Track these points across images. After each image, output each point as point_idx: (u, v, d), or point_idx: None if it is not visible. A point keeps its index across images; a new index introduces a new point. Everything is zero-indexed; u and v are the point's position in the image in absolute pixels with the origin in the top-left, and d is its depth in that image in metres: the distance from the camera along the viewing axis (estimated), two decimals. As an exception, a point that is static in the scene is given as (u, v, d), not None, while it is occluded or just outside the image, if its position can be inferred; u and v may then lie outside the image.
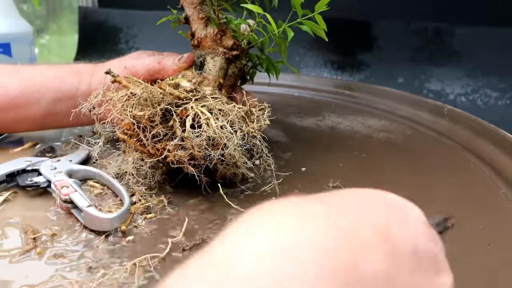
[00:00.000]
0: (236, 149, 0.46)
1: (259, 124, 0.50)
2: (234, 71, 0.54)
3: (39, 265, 0.38)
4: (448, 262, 0.39)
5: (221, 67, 0.53)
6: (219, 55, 0.52)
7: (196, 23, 0.53)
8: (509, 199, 0.51)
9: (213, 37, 0.52)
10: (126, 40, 1.34)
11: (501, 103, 0.96)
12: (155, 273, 0.37)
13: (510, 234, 0.44)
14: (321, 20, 0.49)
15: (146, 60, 0.56)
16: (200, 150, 0.44)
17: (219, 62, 0.52)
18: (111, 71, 0.48)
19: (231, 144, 0.45)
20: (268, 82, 1.01)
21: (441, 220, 0.29)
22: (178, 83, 0.50)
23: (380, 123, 0.80)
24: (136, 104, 0.46)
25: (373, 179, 0.57)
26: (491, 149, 0.61)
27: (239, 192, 0.52)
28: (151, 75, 0.55)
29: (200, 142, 0.44)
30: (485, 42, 1.00)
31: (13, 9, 0.91)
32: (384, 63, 1.11)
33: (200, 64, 0.54)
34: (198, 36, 0.53)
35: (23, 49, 0.90)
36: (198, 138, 0.44)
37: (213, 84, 0.52)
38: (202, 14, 0.52)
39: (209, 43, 0.52)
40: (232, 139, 0.45)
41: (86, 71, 0.58)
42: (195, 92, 0.48)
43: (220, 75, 0.53)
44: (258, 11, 0.48)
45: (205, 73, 0.53)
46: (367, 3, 1.13)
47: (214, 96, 0.49)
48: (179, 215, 0.47)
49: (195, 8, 0.52)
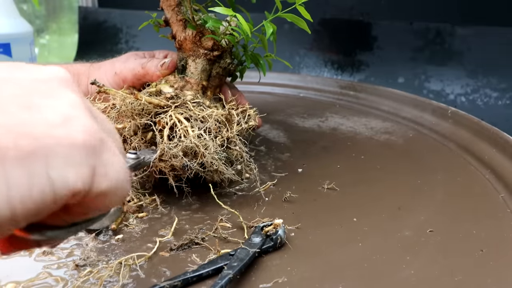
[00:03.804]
0: (214, 157, 0.46)
1: (240, 128, 0.49)
2: (218, 71, 0.53)
3: (28, 262, 0.39)
4: (436, 267, 0.39)
5: (203, 69, 0.52)
6: (200, 57, 0.52)
7: (175, 25, 0.52)
8: (507, 204, 0.50)
9: (192, 39, 0.51)
10: (126, 40, 1.35)
11: (501, 103, 0.94)
12: (141, 272, 0.38)
13: (504, 240, 0.43)
14: (303, 11, 0.47)
15: (131, 65, 0.55)
16: (178, 161, 0.45)
17: (201, 64, 0.52)
18: (96, 81, 0.48)
19: (208, 153, 0.45)
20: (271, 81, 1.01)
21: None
22: (160, 89, 0.50)
23: (383, 124, 0.79)
24: (116, 116, 0.46)
25: (369, 181, 0.57)
26: (493, 153, 0.60)
27: (232, 193, 0.52)
28: (138, 79, 0.55)
29: (177, 152, 0.44)
30: (485, 42, 0.98)
31: (13, 9, 0.92)
32: (384, 63, 1.10)
33: (182, 68, 0.53)
34: (178, 38, 0.52)
35: (23, 49, 0.91)
36: (175, 149, 0.44)
37: (196, 88, 0.52)
38: (180, 16, 0.51)
39: (189, 45, 0.52)
40: (209, 147, 0.45)
41: (83, 73, 0.58)
42: (175, 99, 0.48)
43: (203, 77, 0.52)
44: (228, 13, 0.47)
45: (187, 77, 0.52)
46: (367, 3, 1.12)
47: (196, 101, 0.48)
48: (170, 215, 0.47)
49: (173, 10, 0.51)
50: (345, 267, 0.39)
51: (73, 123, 0.21)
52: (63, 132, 0.20)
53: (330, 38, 1.16)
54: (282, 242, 0.42)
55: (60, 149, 0.20)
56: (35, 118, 0.20)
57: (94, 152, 0.21)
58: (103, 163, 0.22)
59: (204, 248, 0.42)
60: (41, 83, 0.22)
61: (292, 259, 0.40)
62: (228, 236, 0.43)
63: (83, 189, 0.21)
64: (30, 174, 0.19)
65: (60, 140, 0.20)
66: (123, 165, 0.24)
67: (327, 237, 0.44)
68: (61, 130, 0.20)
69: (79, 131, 0.21)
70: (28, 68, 0.23)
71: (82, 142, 0.21)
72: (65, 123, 0.21)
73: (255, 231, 0.42)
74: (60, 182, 0.20)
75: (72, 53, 1.40)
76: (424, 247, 0.42)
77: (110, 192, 0.22)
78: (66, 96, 0.22)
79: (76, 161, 0.20)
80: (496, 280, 0.37)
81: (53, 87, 0.22)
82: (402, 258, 0.40)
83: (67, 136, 0.20)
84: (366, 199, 0.52)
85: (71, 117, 0.21)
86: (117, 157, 0.23)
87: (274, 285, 0.37)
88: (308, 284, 0.37)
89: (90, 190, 0.21)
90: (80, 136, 0.21)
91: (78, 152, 0.21)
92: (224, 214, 0.47)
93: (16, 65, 0.23)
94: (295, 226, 0.45)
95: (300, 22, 0.47)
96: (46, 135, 0.20)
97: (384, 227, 0.46)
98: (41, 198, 0.19)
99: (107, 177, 0.22)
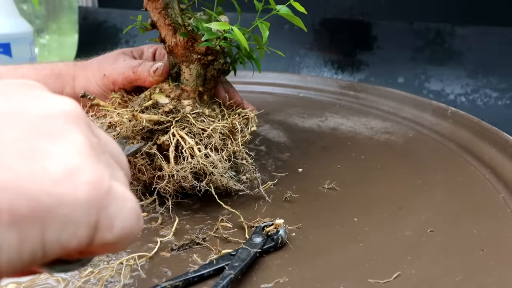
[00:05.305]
0: (223, 175, 0.46)
1: (244, 139, 0.49)
2: (213, 74, 0.51)
3: (29, 262, 0.39)
4: (437, 267, 0.39)
5: (198, 75, 0.50)
6: (193, 62, 0.50)
7: (164, 29, 0.49)
8: (508, 204, 0.50)
9: (184, 45, 0.49)
10: (126, 40, 1.34)
11: (501, 103, 0.94)
12: (142, 272, 0.38)
13: (504, 240, 0.43)
14: (298, 6, 0.45)
15: (121, 68, 0.53)
16: (187, 182, 0.45)
17: (195, 70, 0.50)
18: (87, 94, 0.47)
19: (217, 172, 0.45)
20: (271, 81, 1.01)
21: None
22: (157, 101, 0.49)
23: (383, 124, 0.79)
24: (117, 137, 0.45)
25: (370, 180, 0.57)
26: (493, 153, 0.60)
27: (233, 193, 0.52)
28: (129, 83, 0.53)
29: (186, 175, 0.44)
30: (485, 42, 0.98)
31: (13, 9, 0.92)
32: (384, 63, 1.10)
33: (176, 75, 0.52)
34: (168, 44, 0.50)
35: (23, 49, 0.91)
36: (183, 172, 0.44)
37: (193, 95, 0.50)
38: (168, 20, 0.49)
39: (181, 51, 0.49)
40: (218, 166, 0.45)
41: (68, 73, 0.56)
42: (175, 113, 0.47)
43: (198, 83, 0.50)
44: (224, 28, 0.45)
45: (183, 85, 0.50)
46: (367, 3, 1.12)
47: (195, 111, 0.48)
48: (171, 215, 0.47)
49: (160, 14, 0.48)
50: (346, 267, 0.39)
51: (78, 176, 0.19)
52: (65, 188, 0.18)
53: (330, 38, 1.15)
54: (283, 242, 0.42)
55: (60, 211, 0.18)
56: (35, 172, 0.18)
57: (98, 207, 0.19)
58: (109, 215, 0.20)
59: (205, 248, 0.42)
60: (46, 120, 0.20)
61: (293, 259, 0.40)
62: (229, 236, 0.43)
63: (79, 246, 0.19)
64: (22, 239, 0.17)
65: (61, 199, 0.18)
66: (134, 207, 0.22)
67: (328, 237, 0.44)
68: (63, 186, 0.18)
69: (84, 184, 0.19)
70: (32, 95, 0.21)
71: (86, 199, 0.19)
72: (68, 177, 0.19)
73: (256, 231, 0.43)
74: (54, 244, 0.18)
75: (72, 53, 1.39)
76: (425, 247, 0.42)
77: (117, 241, 0.21)
78: (72, 139, 0.20)
79: (75, 220, 0.18)
80: (497, 280, 0.37)
81: (59, 126, 0.20)
82: (403, 258, 0.40)
83: (69, 193, 0.18)
84: (367, 199, 0.52)
85: (76, 168, 0.19)
86: (127, 202, 0.21)
87: (275, 285, 0.37)
88: (309, 284, 0.37)
89: (91, 244, 0.19)
90: (84, 192, 0.19)
91: (79, 211, 0.19)
92: (224, 214, 0.47)
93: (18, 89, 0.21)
94: (296, 226, 0.45)
95: (295, 20, 0.46)
96: (46, 193, 0.18)
97: (385, 227, 0.46)
98: (30, 259, 0.18)
99: (112, 229, 0.20)
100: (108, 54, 0.57)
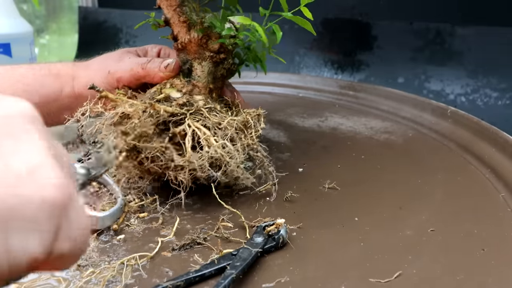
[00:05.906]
0: (239, 166, 0.46)
1: (257, 133, 0.49)
2: (222, 73, 0.52)
3: (30, 262, 0.39)
4: (438, 267, 0.39)
5: (209, 72, 0.51)
6: (206, 59, 0.51)
7: (177, 26, 0.50)
8: (508, 204, 0.50)
9: (198, 42, 0.50)
10: (126, 40, 1.34)
11: (501, 103, 0.94)
12: (143, 272, 0.38)
13: (505, 239, 0.43)
14: (307, 12, 0.47)
15: (128, 65, 0.53)
16: (203, 171, 0.44)
17: (207, 67, 0.51)
18: (95, 86, 0.46)
19: (233, 163, 0.45)
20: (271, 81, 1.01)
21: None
22: (169, 95, 0.49)
23: (383, 124, 0.79)
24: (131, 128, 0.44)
25: (370, 180, 0.57)
26: (493, 152, 0.60)
27: (234, 193, 0.52)
28: (136, 80, 0.53)
29: (203, 164, 0.44)
30: (485, 42, 0.98)
31: (13, 9, 0.92)
32: (384, 63, 1.10)
33: (187, 71, 0.52)
34: (181, 40, 0.51)
35: (23, 49, 0.91)
36: (201, 161, 0.44)
37: (204, 91, 0.51)
38: (183, 17, 0.50)
39: (194, 48, 0.50)
40: (235, 157, 0.45)
41: (67, 73, 0.56)
42: (188, 106, 0.47)
43: (209, 80, 0.51)
44: (246, 23, 0.46)
45: (194, 80, 0.51)
46: (367, 3, 1.12)
47: (208, 106, 0.48)
48: (172, 215, 0.47)
49: (174, 11, 0.50)
50: (347, 267, 0.39)
51: (41, 175, 0.18)
52: (30, 188, 0.17)
53: (330, 38, 1.15)
54: (284, 241, 0.42)
55: (25, 212, 0.17)
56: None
57: (61, 212, 0.18)
58: (69, 223, 0.19)
59: (206, 248, 0.42)
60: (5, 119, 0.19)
61: (294, 258, 0.40)
62: (230, 236, 0.43)
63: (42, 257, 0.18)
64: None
65: (26, 199, 0.17)
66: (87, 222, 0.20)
67: (329, 237, 0.44)
68: (27, 186, 0.17)
69: (49, 185, 0.18)
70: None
71: (53, 201, 0.18)
72: (31, 175, 0.17)
73: (257, 230, 0.43)
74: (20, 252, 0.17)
75: (72, 53, 1.40)
76: (425, 246, 0.42)
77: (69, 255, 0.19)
78: (31, 138, 0.19)
79: (41, 223, 0.17)
80: (497, 279, 0.38)
81: (17, 126, 0.19)
82: (404, 258, 0.40)
83: (34, 193, 0.17)
84: (367, 199, 0.52)
85: (38, 166, 0.18)
86: (82, 214, 0.20)
87: (276, 284, 0.37)
88: (311, 283, 0.37)
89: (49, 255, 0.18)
90: (51, 193, 0.18)
91: (46, 213, 0.17)
92: (225, 213, 0.47)
93: None
94: (297, 225, 0.45)
95: (306, 25, 0.47)
96: (9, 193, 0.16)
97: (386, 226, 0.46)
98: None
99: (70, 239, 0.19)
100: (110, 53, 0.57)
